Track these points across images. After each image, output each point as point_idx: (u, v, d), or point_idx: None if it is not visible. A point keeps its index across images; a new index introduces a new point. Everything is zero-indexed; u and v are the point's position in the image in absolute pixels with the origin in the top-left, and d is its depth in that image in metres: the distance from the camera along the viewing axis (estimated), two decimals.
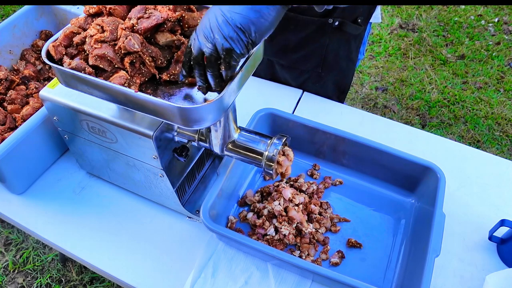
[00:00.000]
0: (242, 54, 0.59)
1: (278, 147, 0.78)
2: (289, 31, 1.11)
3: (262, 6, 0.57)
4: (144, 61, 0.68)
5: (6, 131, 0.96)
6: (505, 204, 1.01)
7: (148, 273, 0.89)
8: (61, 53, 0.70)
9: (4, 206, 0.99)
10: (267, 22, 0.58)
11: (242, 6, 0.57)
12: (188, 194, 0.98)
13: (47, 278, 1.66)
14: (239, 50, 0.59)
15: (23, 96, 1.03)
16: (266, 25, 0.58)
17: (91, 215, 0.98)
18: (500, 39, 2.62)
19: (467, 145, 1.13)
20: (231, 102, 0.70)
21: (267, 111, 1.01)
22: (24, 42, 1.19)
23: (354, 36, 1.13)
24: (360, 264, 0.91)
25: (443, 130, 2.19)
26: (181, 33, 0.72)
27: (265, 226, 0.92)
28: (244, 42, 0.58)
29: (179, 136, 0.83)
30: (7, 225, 1.79)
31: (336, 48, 1.14)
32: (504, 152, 2.10)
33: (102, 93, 0.69)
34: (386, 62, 2.51)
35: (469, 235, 0.96)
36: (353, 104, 2.30)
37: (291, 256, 0.80)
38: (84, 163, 1.00)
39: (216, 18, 0.58)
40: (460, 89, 2.36)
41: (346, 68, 1.21)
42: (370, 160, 0.98)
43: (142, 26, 0.67)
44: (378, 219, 0.98)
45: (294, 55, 1.17)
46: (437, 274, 0.88)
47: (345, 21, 1.07)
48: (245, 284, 0.86)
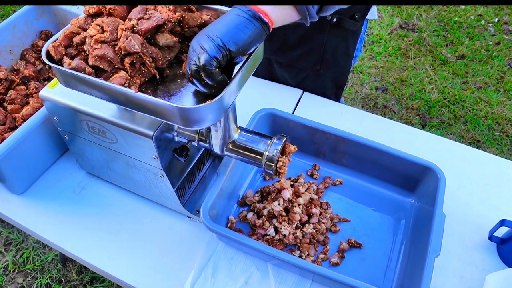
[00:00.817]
0: (216, 57, 0.61)
1: (278, 147, 0.78)
2: (288, 29, 1.11)
3: (240, 21, 0.62)
4: (145, 62, 0.68)
5: (6, 131, 0.96)
6: (505, 204, 1.01)
7: (148, 273, 0.89)
8: (61, 53, 0.70)
9: (4, 206, 0.99)
10: (243, 34, 0.62)
11: (223, 23, 0.62)
12: (188, 194, 0.98)
13: (47, 278, 1.66)
14: (212, 54, 0.60)
15: (23, 96, 1.03)
16: (242, 37, 0.62)
17: (91, 215, 0.98)
18: (500, 39, 2.62)
19: (467, 145, 1.13)
20: (231, 102, 0.70)
21: (267, 111, 1.01)
22: (24, 42, 1.19)
23: (352, 32, 1.13)
24: (360, 264, 0.91)
25: (443, 130, 2.19)
26: (180, 34, 0.72)
27: (265, 227, 0.92)
28: (217, 48, 0.61)
29: (179, 136, 0.83)
30: (7, 225, 1.79)
31: (334, 45, 1.14)
32: (504, 152, 2.10)
33: (102, 93, 0.69)
34: (386, 62, 2.51)
35: (469, 235, 0.96)
36: (353, 104, 2.30)
37: (291, 256, 0.80)
38: (84, 163, 1.00)
39: (200, 38, 0.62)
40: (460, 89, 2.36)
41: (344, 65, 1.22)
42: (370, 160, 0.98)
43: (143, 27, 0.67)
44: (378, 219, 0.98)
45: (292, 53, 1.17)
46: (437, 274, 0.88)
47: (343, 18, 1.07)
48: (245, 284, 0.86)
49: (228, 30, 0.62)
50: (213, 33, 0.62)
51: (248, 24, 0.62)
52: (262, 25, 0.63)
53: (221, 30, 0.62)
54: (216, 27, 0.63)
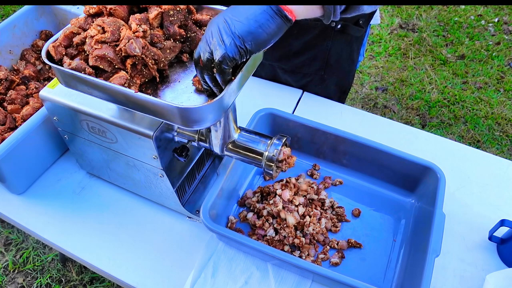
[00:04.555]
0: (235, 59, 0.60)
1: (278, 147, 0.78)
2: (292, 36, 1.11)
3: (262, 17, 0.59)
4: (147, 64, 0.68)
5: (6, 131, 0.96)
6: (505, 204, 1.01)
7: (148, 273, 0.89)
8: (61, 53, 0.70)
9: (4, 206, 0.99)
10: (265, 34, 0.60)
11: (244, 16, 0.60)
12: (188, 194, 0.98)
13: (47, 278, 1.66)
14: (232, 55, 0.60)
15: (23, 96, 1.03)
16: (264, 37, 0.60)
17: (91, 215, 0.98)
18: (500, 39, 2.62)
19: (467, 145, 1.13)
20: (231, 102, 0.70)
21: (267, 111, 1.01)
22: (24, 42, 1.19)
23: (356, 38, 1.13)
24: (360, 264, 0.91)
25: (443, 130, 2.19)
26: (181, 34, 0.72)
27: (265, 227, 0.92)
28: (237, 48, 0.60)
29: (179, 136, 0.83)
30: (7, 225, 1.79)
31: (339, 51, 1.14)
32: (504, 152, 2.10)
33: (102, 93, 0.69)
34: (386, 62, 2.51)
35: (469, 235, 0.96)
36: (353, 104, 2.30)
37: (291, 256, 0.80)
38: (84, 163, 1.00)
39: (218, 25, 0.61)
40: (460, 89, 2.36)
41: (348, 69, 1.22)
42: (370, 160, 0.98)
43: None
44: (378, 219, 0.98)
45: (296, 60, 1.17)
46: (437, 274, 0.88)
47: (348, 24, 1.07)
48: (245, 284, 0.86)
49: (251, 30, 0.59)
50: (235, 26, 0.59)
51: (272, 22, 0.60)
52: (285, 22, 0.61)
53: (244, 27, 0.59)
54: (240, 19, 0.59)
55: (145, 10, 0.72)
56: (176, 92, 0.70)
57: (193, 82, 0.70)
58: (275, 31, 0.61)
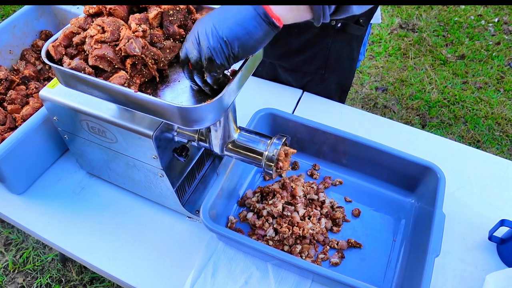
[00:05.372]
0: (223, 65, 0.61)
1: (278, 147, 0.78)
2: (292, 34, 1.11)
3: (250, 24, 0.60)
4: (147, 64, 0.68)
5: (6, 131, 0.96)
6: (505, 204, 1.01)
7: (148, 273, 0.89)
8: (61, 53, 0.70)
9: (4, 206, 0.99)
10: (252, 40, 0.60)
11: (232, 21, 0.60)
12: (188, 194, 0.98)
13: (47, 278, 1.66)
14: (219, 61, 0.60)
15: (23, 96, 1.03)
16: (251, 43, 0.60)
17: (91, 215, 0.98)
18: (500, 39, 2.62)
19: (467, 145, 1.13)
20: (231, 102, 0.70)
21: (267, 111, 1.01)
22: (24, 42, 1.19)
23: (356, 37, 1.13)
24: (360, 264, 0.91)
25: (443, 130, 2.19)
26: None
27: (265, 227, 0.92)
28: (225, 55, 0.60)
29: (179, 136, 0.83)
30: (7, 225, 1.79)
31: (339, 50, 1.14)
32: (504, 152, 2.10)
33: (102, 93, 0.69)
34: (386, 62, 2.51)
35: (469, 235, 0.95)
36: (353, 104, 2.30)
37: (291, 256, 0.80)
38: (84, 163, 1.00)
39: (205, 28, 0.61)
40: (460, 89, 2.36)
41: (348, 68, 1.22)
42: (370, 160, 0.98)
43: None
44: (378, 219, 0.98)
45: (297, 58, 1.17)
46: (437, 274, 0.88)
47: (348, 22, 1.07)
48: (245, 284, 0.86)
49: (239, 36, 0.59)
50: (223, 31, 0.59)
51: (259, 29, 0.60)
52: (272, 29, 0.61)
53: (232, 32, 0.59)
54: (228, 23, 0.59)
55: (145, 10, 0.72)
56: (176, 92, 0.70)
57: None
58: (262, 38, 0.61)
